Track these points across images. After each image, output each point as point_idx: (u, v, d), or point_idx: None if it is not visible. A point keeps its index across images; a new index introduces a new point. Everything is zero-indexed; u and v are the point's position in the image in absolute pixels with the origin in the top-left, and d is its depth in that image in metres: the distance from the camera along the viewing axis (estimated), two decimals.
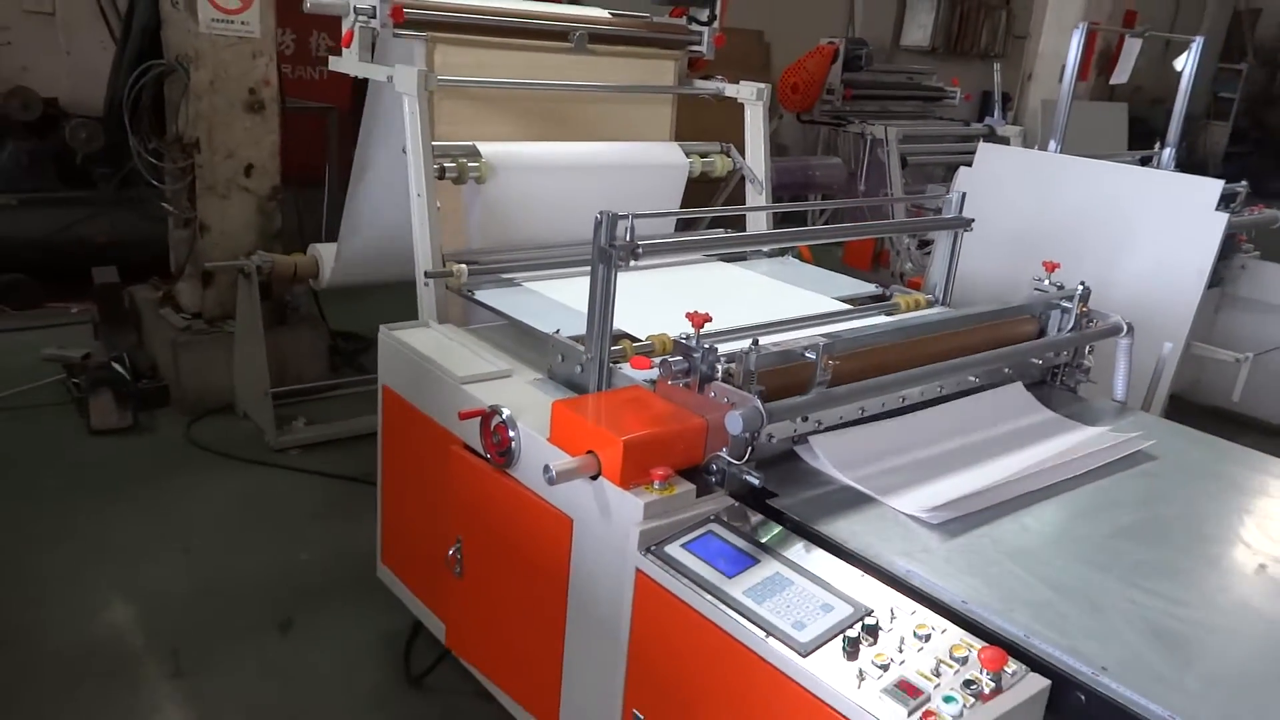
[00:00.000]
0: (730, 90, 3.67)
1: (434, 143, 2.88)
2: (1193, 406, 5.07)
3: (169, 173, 4.47)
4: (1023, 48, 9.45)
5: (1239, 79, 14.15)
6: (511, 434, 2.18)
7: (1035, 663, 1.57)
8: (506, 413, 2.18)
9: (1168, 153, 5.19)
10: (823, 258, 3.91)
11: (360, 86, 3.45)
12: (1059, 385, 2.79)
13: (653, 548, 1.85)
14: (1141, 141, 8.35)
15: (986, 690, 1.49)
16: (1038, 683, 1.53)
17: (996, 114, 8.45)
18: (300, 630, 2.95)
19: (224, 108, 4.19)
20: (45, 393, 4.34)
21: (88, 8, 5.91)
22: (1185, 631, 1.68)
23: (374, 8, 2.95)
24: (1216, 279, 5.07)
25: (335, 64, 3.20)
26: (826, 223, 6.93)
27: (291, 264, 4.07)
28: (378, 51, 3.12)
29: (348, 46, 3.07)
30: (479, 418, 2.23)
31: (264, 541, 3.40)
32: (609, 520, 1.96)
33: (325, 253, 4.08)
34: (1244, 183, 4.98)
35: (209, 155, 4.23)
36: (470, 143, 3.03)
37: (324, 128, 5.96)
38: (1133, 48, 5.38)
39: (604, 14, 3.53)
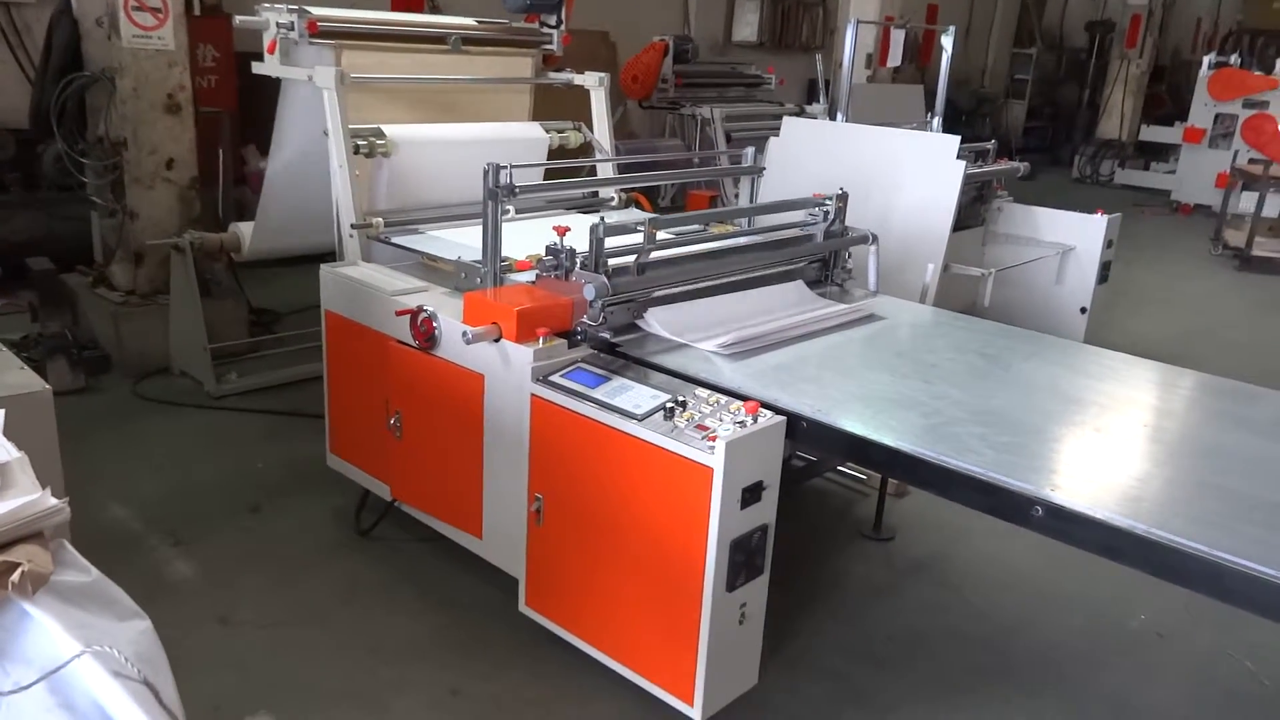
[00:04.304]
0: (578, 80, 4.62)
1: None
2: None
3: (93, 169, 5.12)
4: (835, 39, 10.73)
5: (1030, 63, 16.02)
6: (435, 324, 3.08)
7: (780, 411, 2.57)
8: (430, 308, 3.08)
9: (936, 120, 6.40)
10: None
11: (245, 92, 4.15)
12: (830, 282, 3.84)
13: (541, 378, 2.78)
14: (949, 118, 9.78)
15: (747, 424, 2.48)
16: (777, 419, 2.53)
17: (821, 99, 9.72)
18: (268, 511, 3.76)
19: (146, 110, 4.87)
20: None
21: None
22: (867, 391, 2.74)
23: (293, 22, 3.77)
24: (980, 219, 6.34)
25: (259, 68, 3.99)
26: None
27: (218, 240, 4.80)
28: (290, 57, 3.93)
29: (271, 54, 3.87)
30: (410, 315, 3.11)
31: (223, 458, 4.16)
32: (509, 368, 2.88)
33: (245, 229, 4.83)
34: (992, 141, 6.26)
35: (135, 152, 4.91)
36: (375, 125, 3.87)
37: (217, 128, 6.60)
38: (898, 37, 6.60)
39: (472, 21, 4.43)
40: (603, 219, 2.96)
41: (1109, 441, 2.56)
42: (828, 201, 3.65)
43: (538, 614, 2.98)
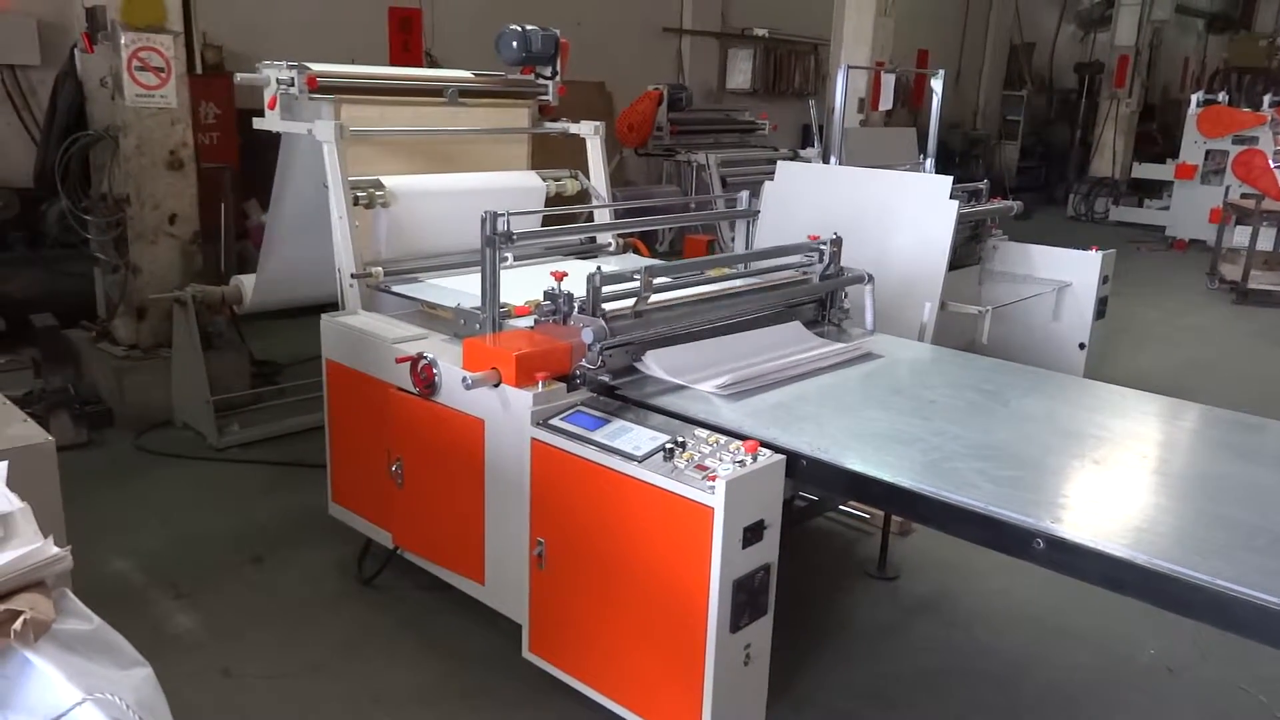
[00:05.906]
0: (574, 128, 4.68)
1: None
2: None
3: (96, 226, 5.18)
4: (827, 85, 10.89)
5: (1022, 104, 16.22)
6: (435, 371, 3.09)
7: (779, 449, 2.58)
8: (430, 355, 3.10)
9: (929, 162, 6.49)
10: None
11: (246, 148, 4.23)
12: (827, 323, 3.87)
13: (541, 422, 2.79)
14: (942, 159, 9.89)
15: (747, 463, 2.49)
16: (777, 457, 2.54)
17: (815, 143, 9.86)
18: (270, 562, 3.74)
19: (149, 167, 4.95)
20: None
21: None
22: (866, 429, 2.74)
23: (293, 78, 3.83)
24: (976, 258, 6.38)
25: (260, 123, 4.05)
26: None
27: (219, 293, 4.84)
28: (291, 112, 3.99)
29: (272, 109, 3.93)
30: (410, 362, 3.13)
31: (226, 511, 4.16)
32: (509, 412, 2.89)
33: (246, 282, 4.87)
34: (985, 181, 6.33)
35: (138, 208, 4.97)
36: (375, 176, 3.92)
37: (219, 184, 6.68)
38: (889, 82, 6.70)
39: (469, 74, 4.51)
40: (599, 268, 2.98)
41: (1109, 474, 2.56)
42: (822, 245, 3.68)
43: (541, 659, 2.96)
